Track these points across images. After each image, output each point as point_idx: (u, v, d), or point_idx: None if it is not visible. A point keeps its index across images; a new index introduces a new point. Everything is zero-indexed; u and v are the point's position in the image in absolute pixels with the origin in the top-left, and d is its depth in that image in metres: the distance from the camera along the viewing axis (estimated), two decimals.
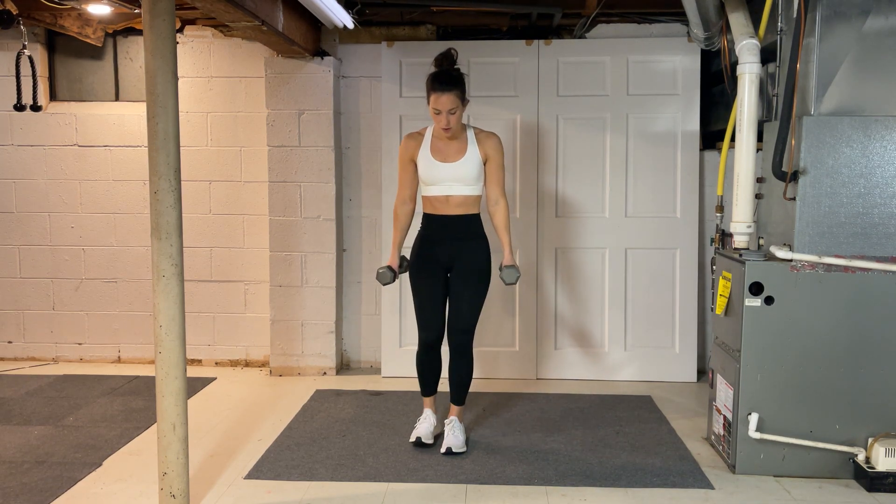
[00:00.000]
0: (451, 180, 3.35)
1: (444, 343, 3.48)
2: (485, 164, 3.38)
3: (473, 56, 4.56)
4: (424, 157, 3.37)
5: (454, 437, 3.39)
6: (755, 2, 3.40)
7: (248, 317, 4.87)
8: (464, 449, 3.37)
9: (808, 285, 3.07)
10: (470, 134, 3.39)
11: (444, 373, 3.56)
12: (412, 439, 3.46)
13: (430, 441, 3.45)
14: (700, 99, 4.50)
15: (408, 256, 3.57)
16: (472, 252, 3.41)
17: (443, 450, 3.35)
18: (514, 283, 3.39)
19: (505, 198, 3.43)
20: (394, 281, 3.46)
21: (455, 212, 3.38)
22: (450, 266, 3.43)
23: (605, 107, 4.54)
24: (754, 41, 3.14)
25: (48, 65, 4.85)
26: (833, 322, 3.08)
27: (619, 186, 4.56)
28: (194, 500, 2.92)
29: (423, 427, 3.50)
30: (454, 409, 3.52)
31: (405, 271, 3.55)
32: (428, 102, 3.31)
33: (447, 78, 3.26)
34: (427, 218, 3.46)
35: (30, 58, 4.45)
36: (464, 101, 3.31)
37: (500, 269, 3.42)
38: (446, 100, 3.24)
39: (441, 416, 3.64)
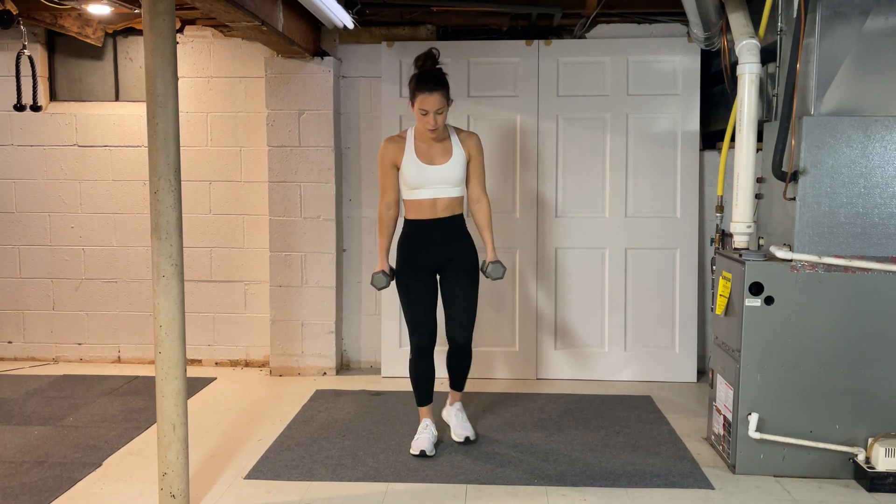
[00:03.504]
0: (439, 183, 3.31)
1: (436, 347, 3.47)
2: (467, 164, 3.38)
3: (473, 56, 4.56)
4: (410, 161, 3.31)
5: (466, 425, 3.38)
6: (755, 2, 3.40)
7: (248, 317, 4.87)
8: (475, 436, 3.38)
9: (808, 285, 3.07)
10: (452, 134, 3.37)
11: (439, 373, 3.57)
12: (415, 452, 3.34)
13: (433, 453, 3.37)
14: (700, 99, 4.50)
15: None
16: (461, 253, 3.39)
17: (461, 439, 3.34)
18: (501, 278, 3.40)
19: (486, 195, 3.44)
20: (388, 285, 3.44)
21: (442, 214, 3.35)
22: (439, 268, 3.40)
23: (605, 107, 4.54)
24: (754, 41, 3.14)
25: (48, 65, 4.85)
26: (833, 322, 3.08)
27: (619, 186, 4.56)
28: (194, 500, 2.92)
29: (426, 439, 3.39)
30: (456, 394, 3.51)
31: (395, 278, 3.51)
32: (412, 104, 3.24)
33: (433, 78, 3.21)
34: (411, 224, 3.40)
35: (30, 58, 4.45)
36: (449, 100, 3.26)
37: (484, 266, 3.43)
38: (434, 100, 3.18)
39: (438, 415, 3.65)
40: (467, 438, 3.34)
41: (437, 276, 3.42)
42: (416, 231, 3.38)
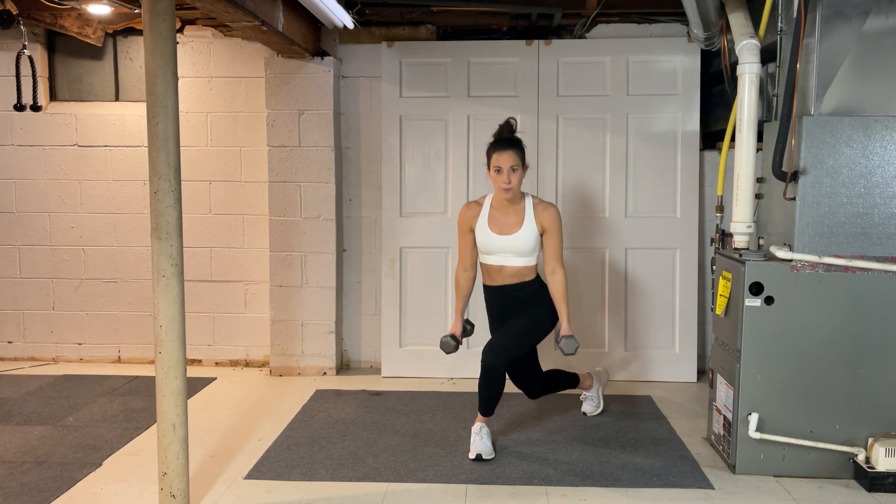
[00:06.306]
0: (507, 252, 3.40)
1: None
2: (542, 236, 3.42)
3: (473, 56, 4.56)
4: (482, 229, 3.43)
5: (483, 443, 3.32)
6: (755, 2, 3.40)
7: (248, 317, 4.87)
8: (493, 455, 3.32)
9: (808, 285, 3.07)
10: (528, 205, 3.42)
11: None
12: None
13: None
14: (700, 99, 4.50)
15: (471, 320, 3.65)
16: (530, 308, 3.44)
17: (472, 456, 3.29)
18: (573, 354, 3.38)
19: (563, 268, 3.44)
20: (457, 349, 3.49)
21: (509, 281, 3.43)
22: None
23: (605, 107, 4.54)
24: (754, 41, 3.14)
25: (48, 65, 4.85)
26: (833, 322, 3.08)
27: (619, 186, 4.56)
28: (194, 500, 2.92)
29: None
30: (482, 417, 3.44)
31: (470, 334, 3.60)
32: (488, 168, 3.39)
33: (508, 138, 3.39)
34: (484, 287, 3.54)
35: (30, 58, 4.45)
36: (524, 163, 3.37)
37: (558, 339, 3.41)
38: (507, 157, 3.32)
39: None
40: (479, 456, 3.28)
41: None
42: (487, 295, 3.54)
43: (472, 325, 3.64)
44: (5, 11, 4.06)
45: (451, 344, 3.46)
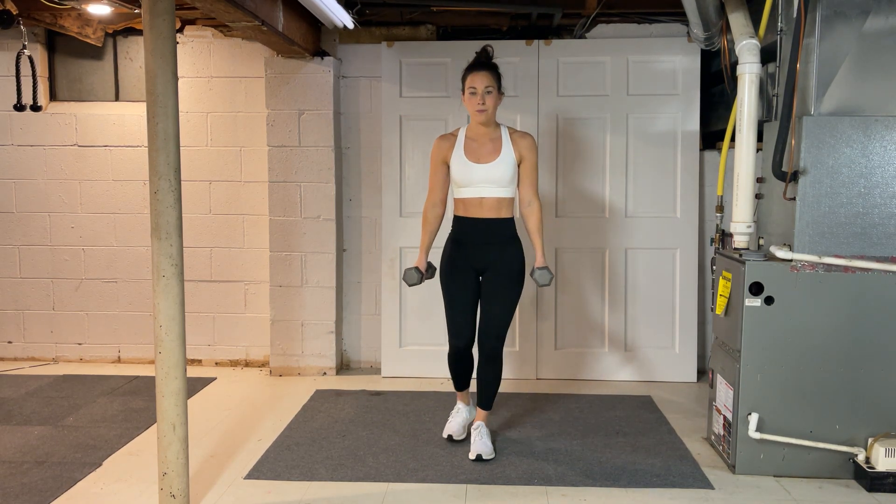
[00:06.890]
0: (485, 182, 3.29)
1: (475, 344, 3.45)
2: (518, 165, 3.35)
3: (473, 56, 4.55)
4: (458, 158, 3.33)
5: (482, 443, 3.31)
6: (755, 2, 3.40)
7: (248, 317, 4.87)
8: (493, 455, 3.31)
9: (808, 285, 3.07)
10: (504, 134, 3.36)
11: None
12: (444, 435, 3.52)
13: (462, 437, 3.48)
14: (700, 99, 4.50)
15: (434, 263, 3.56)
16: (505, 256, 3.35)
17: (472, 456, 3.27)
18: (548, 285, 3.39)
19: (538, 199, 3.40)
20: (420, 283, 3.47)
21: (488, 215, 3.32)
22: (482, 270, 3.38)
23: (605, 107, 4.54)
24: (754, 41, 3.14)
25: (48, 65, 4.85)
26: (833, 322, 3.08)
27: (619, 186, 4.56)
28: (194, 500, 2.92)
29: (455, 423, 3.53)
30: (481, 413, 3.45)
31: (431, 277, 3.54)
32: (463, 92, 3.32)
33: (483, 61, 3.32)
34: (458, 221, 3.40)
35: (30, 58, 4.45)
36: (500, 87, 3.32)
37: (533, 271, 3.41)
38: (482, 77, 3.26)
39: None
40: (479, 456, 3.26)
41: (480, 279, 3.41)
42: (461, 229, 3.39)
43: (434, 269, 3.55)
44: (5, 11, 4.06)
45: (415, 276, 3.43)
